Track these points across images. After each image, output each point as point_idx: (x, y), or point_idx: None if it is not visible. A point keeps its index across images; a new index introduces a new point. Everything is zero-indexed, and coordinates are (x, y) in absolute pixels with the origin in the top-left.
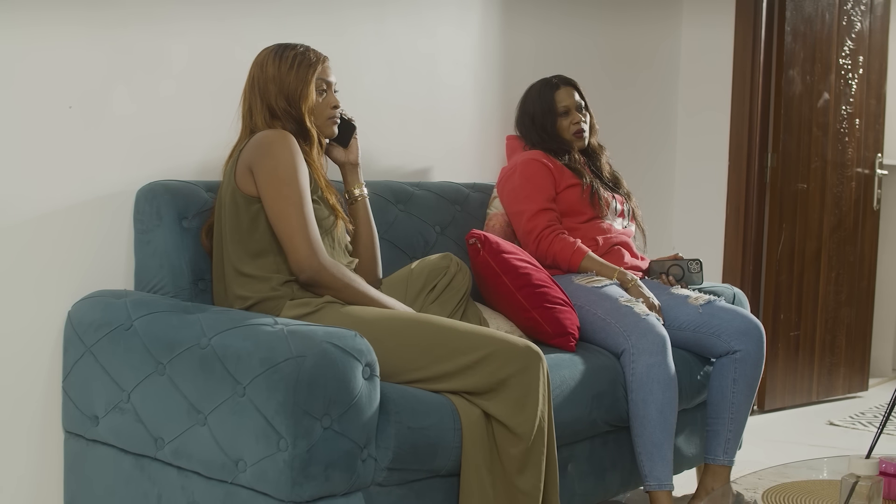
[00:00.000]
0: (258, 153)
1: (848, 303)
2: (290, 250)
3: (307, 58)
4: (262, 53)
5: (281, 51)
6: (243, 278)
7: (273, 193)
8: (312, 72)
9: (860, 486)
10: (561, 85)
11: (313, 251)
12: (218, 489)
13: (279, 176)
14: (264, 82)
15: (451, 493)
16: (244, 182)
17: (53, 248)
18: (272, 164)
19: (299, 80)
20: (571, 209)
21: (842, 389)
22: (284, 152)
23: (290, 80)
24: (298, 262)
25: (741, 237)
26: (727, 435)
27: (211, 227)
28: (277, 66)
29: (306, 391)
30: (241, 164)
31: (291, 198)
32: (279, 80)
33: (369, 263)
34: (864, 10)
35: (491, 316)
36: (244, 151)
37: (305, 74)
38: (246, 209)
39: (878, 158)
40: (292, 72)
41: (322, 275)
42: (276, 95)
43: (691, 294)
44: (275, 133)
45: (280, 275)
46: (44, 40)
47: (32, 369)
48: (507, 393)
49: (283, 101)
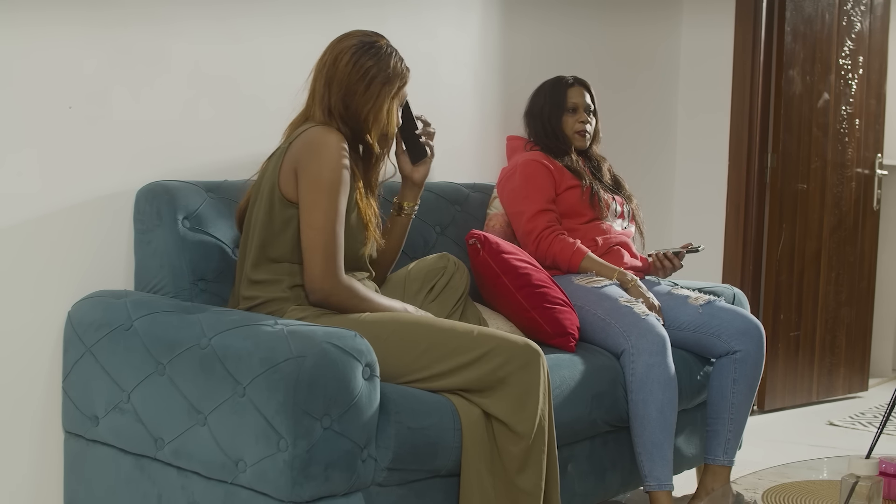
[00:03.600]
0: (306, 153)
1: (848, 303)
2: (307, 265)
3: (384, 73)
4: (342, 42)
5: (359, 54)
6: (254, 283)
7: (309, 200)
8: (387, 92)
9: (860, 487)
10: (575, 83)
11: (329, 273)
12: (218, 489)
13: (320, 184)
14: (332, 76)
15: (451, 493)
16: (286, 184)
17: (53, 248)
18: (317, 170)
19: (369, 98)
20: (571, 210)
21: (842, 389)
22: (331, 160)
23: (357, 93)
24: (312, 281)
25: (741, 237)
26: (727, 435)
27: (244, 209)
28: (349, 72)
29: (306, 391)
30: (288, 162)
31: (327, 211)
32: (346, 87)
33: (382, 270)
34: (864, 10)
35: (490, 316)
36: (293, 147)
37: (378, 92)
38: (280, 211)
39: (878, 159)
40: (361, 85)
41: (331, 299)
42: (339, 99)
43: (691, 294)
44: (327, 135)
45: (292, 278)
46: (44, 40)
47: (33, 369)
48: (508, 391)
49: (342, 108)
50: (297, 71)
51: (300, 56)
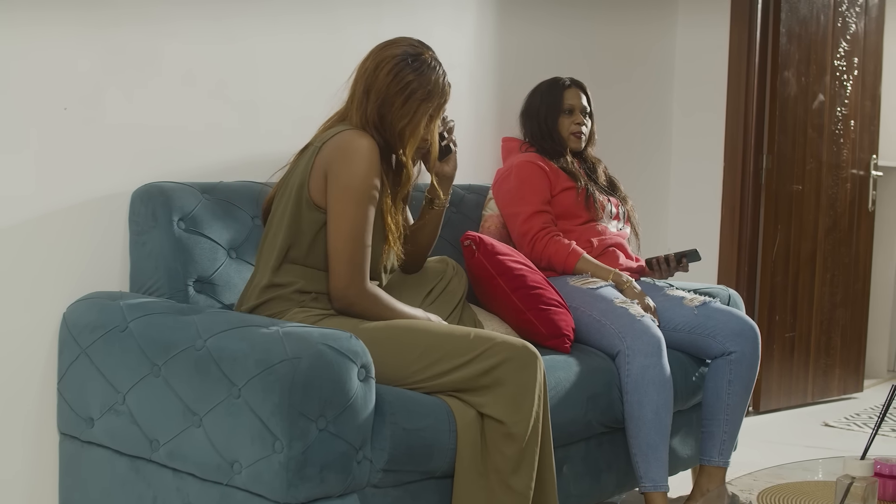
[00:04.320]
0: (338, 159)
1: (843, 304)
2: (332, 272)
3: (424, 88)
4: (387, 50)
5: (401, 66)
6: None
7: (339, 208)
8: (426, 108)
9: (855, 488)
10: (572, 85)
11: (354, 281)
12: (213, 491)
13: (350, 192)
14: (371, 84)
15: (446, 495)
16: (315, 187)
17: (49, 249)
18: (347, 177)
19: (406, 113)
20: (567, 212)
21: (837, 391)
22: (362, 167)
23: (394, 106)
24: (336, 290)
25: (736, 239)
26: (722, 436)
27: (272, 201)
28: (388, 83)
29: (301, 393)
30: (318, 164)
31: (355, 220)
32: (384, 98)
33: (415, 263)
34: (859, 11)
35: (486, 318)
36: (325, 149)
37: (415, 108)
38: (307, 213)
39: (872, 160)
40: (399, 98)
41: (355, 308)
42: (375, 108)
43: (686, 295)
44: (360, 141)
45: (304, 281)
46: (38, 41)
47: (28, 371)
48: (503, 391)
49: (377, 118)
50: (293, 71)
51: (295, 56)
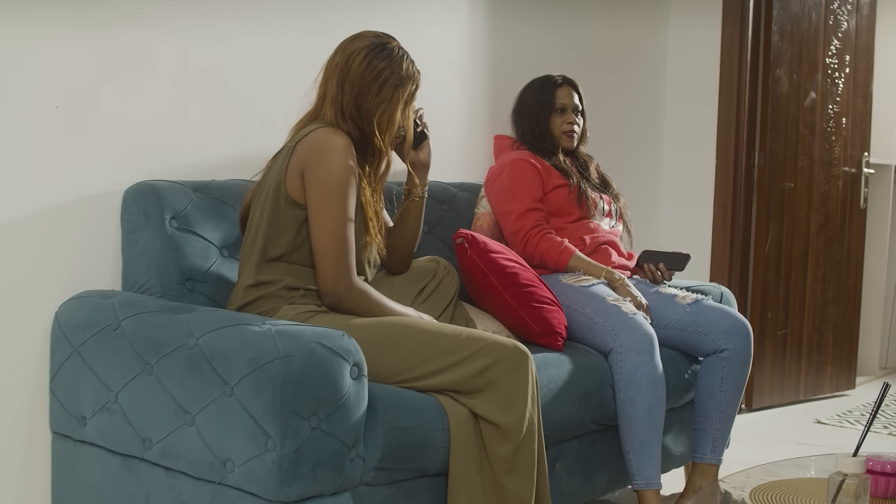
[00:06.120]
0: (313, 156)
1: (835, 301)
2: (319, 269)
3: (397, 75)
4: (354, 43)
5: (372, 55)
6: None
7: (319, 205)
8: (400, 94)
9: (847, 484)
10: (564, 83)
11: (342, 276)
12: (206, 489)
13: (329, 188)
14: (345, 77)
15: (439, 493)
16: (292, 185)
17: (40, 248)
18: (325, 174)
19: (382, 100)
20: (559, 209)
21: (829, 388)
22: (339, 164)
23: (370, 94)
24: (325, 285)
25: (728, 236)
26: (715, 434)
27: (248, 207)
28: (362, 72)
29: (294, 391)
30: (294, 163)
31: (337, 215)
32: (359, 87)
33: (402, 257)
34: (851, 9)
35: (478, 316)
36: (299, 148)
37: (391, 95)
38: (286, 210)
39: (864, 157)
40: (374, 86)
41: (344, 303)
42: (351, 99)
43: (679, 293)
44: (334, 138)
45: (290, 278)
46: (30, 41)
47: (19, 370)
48: (496, 393)
49: (354, 109)
50: (285, 71)
51: (288, 56)
